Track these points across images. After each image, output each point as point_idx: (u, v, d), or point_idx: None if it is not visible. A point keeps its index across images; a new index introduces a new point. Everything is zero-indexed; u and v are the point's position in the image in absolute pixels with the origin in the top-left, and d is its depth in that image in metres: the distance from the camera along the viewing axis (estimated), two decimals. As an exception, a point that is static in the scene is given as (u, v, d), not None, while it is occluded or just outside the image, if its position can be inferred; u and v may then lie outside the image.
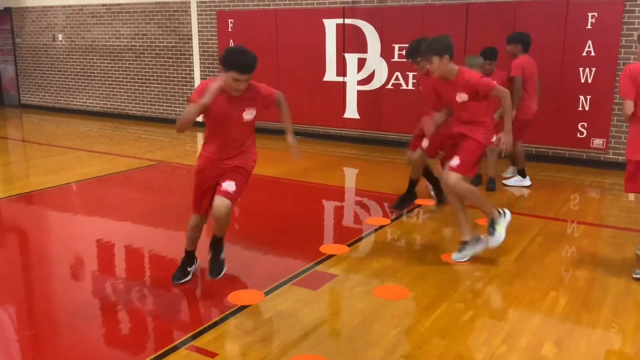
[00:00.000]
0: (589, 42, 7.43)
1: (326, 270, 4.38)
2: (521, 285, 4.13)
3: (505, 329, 3.49)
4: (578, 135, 7.72)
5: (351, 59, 9.24)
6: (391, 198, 6.14)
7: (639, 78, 4.11)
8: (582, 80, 7.56)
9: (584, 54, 7.50)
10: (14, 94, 14.15)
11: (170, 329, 3.57)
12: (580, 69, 7.55)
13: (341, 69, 9.36)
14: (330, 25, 9.26)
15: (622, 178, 7.27)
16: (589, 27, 7.41)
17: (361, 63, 9.17)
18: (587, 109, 7.60)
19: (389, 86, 8.99)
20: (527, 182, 6.83)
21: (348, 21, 9.15)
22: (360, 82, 9.24)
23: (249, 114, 3.77)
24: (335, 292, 4.07)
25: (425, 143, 5.37)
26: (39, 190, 6.76)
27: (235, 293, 3.96)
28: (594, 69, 7.47)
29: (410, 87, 8.78)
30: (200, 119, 3.83)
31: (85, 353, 3.30)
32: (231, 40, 10.24)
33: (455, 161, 4.41)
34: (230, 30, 10.26)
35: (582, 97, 7.61)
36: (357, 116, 9.39)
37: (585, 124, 7.65)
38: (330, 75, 9.44)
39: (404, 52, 8.52)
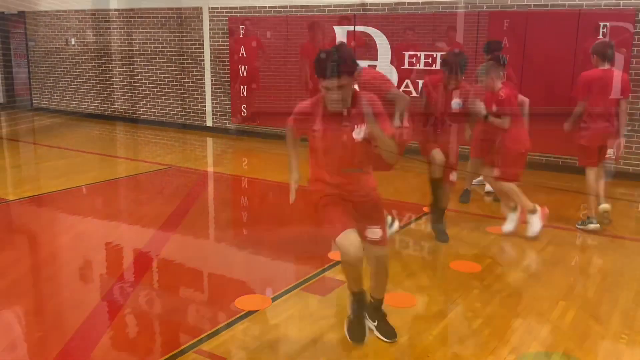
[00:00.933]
0: (601, 51, 7.39)
1: (334, 276, 4.37)
2: (530, 295, 4.11)
3: (513, 339, 3.47)
4: (589, 145, 7.67)
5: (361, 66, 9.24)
6: (400, 205, 6.13)
7: (592, 84, 5.15)
8: (594, 90, 7.52)
9: (596, 63, 7.47)
10: (27, 97, 14.27)
11: (178, 333, 3.57)
12: (592, 79, 7.51)
13: (351, 76, 9.36)
14: (341, 32, 9.28)
15: (632, 188, 7.26)
16: (601, 36, 7.38)
17: (371, 70, 9.18)
18: (598, 118, 7.55)
19: (399, 93, 8.99)
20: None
21: (359, 28, 9.17)
22: (370, 89, 9.23)
23: (358, 133, 2.98)
24: (344, 298, 4.05)
25: None
26: (49, 193, 6.80)
27: (242, 298, 3.96)
28: (605, 79, 7.43)
29: (420, 94, 8.79)
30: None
31: (93, 356, 3.31)
32: (242, 47, 10.29)
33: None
34: (241, 36, 10.31)
35: (593, 107, 7.56)
36: (366, 123, 9.38)
37: (596, 134, 7.60)
38: (341, 82, 9.44)
39: (413, 60, 8.57)
